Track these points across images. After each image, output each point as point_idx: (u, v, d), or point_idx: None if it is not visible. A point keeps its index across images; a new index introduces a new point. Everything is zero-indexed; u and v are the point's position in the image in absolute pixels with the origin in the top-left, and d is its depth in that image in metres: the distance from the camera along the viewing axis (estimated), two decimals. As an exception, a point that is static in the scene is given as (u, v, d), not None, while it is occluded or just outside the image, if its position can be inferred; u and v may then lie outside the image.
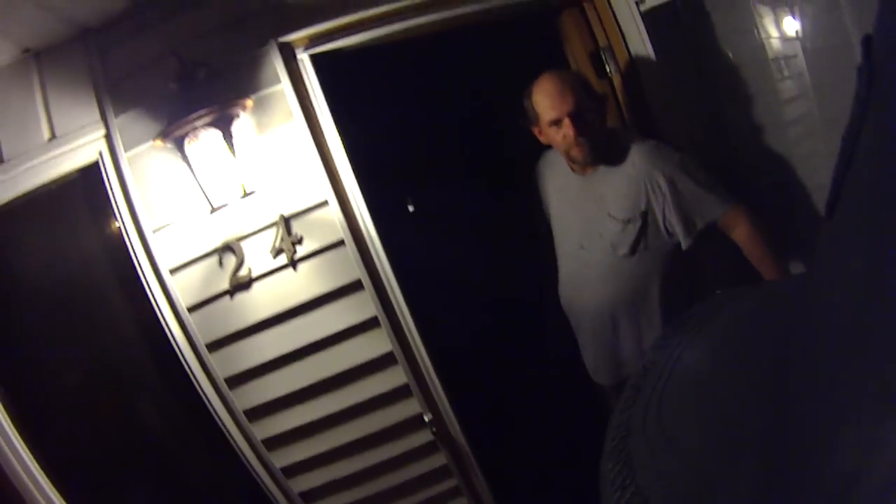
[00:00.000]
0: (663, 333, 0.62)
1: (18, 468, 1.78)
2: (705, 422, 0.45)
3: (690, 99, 1.97)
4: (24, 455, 1.79)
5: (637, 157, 1.65)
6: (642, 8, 1.82)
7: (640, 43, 1.84)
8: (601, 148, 1.67)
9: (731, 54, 1.89)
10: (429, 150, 2.82)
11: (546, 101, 1.64)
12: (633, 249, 1.66)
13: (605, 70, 1.98)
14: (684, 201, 1.60)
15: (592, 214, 1.73)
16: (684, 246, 1.63)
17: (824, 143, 1.63)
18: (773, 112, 1.78)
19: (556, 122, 1.64)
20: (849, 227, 0.32)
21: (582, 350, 1.93)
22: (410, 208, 3.00)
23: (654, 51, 1.83)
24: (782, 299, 0.51)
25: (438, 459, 1.94)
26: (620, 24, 1.90)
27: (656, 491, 0.43)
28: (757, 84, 1.82)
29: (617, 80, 1.97)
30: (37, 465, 1.80)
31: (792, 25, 1.61)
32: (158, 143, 1.70)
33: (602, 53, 1.97)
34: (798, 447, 0.32)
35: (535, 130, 1.74)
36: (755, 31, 1.74)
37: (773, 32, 1.69)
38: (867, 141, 0.30)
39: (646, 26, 1.83)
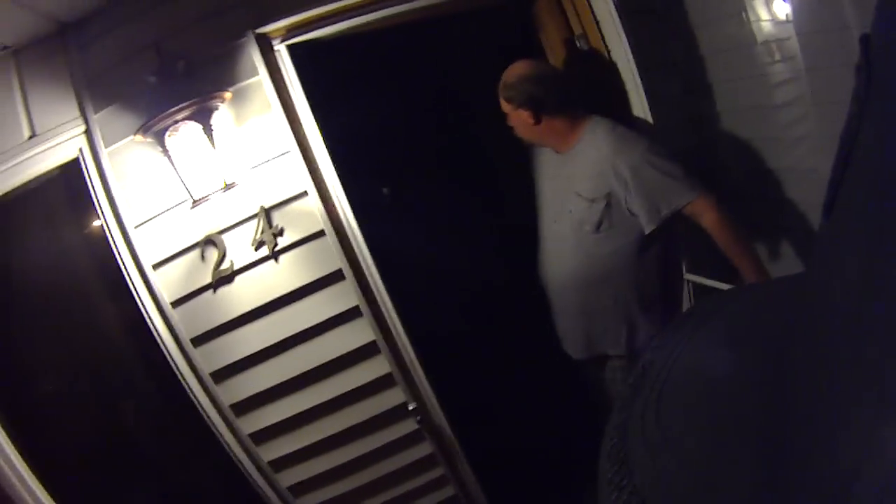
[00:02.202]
0: (662, 333, 0.61)
1: (5, 467, 1.78)
2: (704, 422, 0.44)
3: (668, 84, 1.97)
4: (10, 454, 1.79)
5: (604, 144, 1.68)
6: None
7: (614, 29, 1.85)
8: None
9: (713, 39, 1.89)
10: (406, 139, 2.82)
11: None
12: (598, 227, 1.71)
13: (579, 56, 1.99)
14: (648, 190, 1.62)
15: (563, 191, 1.78)
16: (647, 231, 1.66)
17: (817, 126, 1.62)
18: (763, 95, 1.78)
19: None
20: (847, 226, 0.32)
21: (554, 320, 1.96)
22: (386, 195, 2.99)
23: (629, 36, 1.83)
24: (781, 299, 0.50)
25: (424, 449, 1.94)
26: (594, 10, 1.91)
27: (654, 491, 0.43)
28: (743, 68, 1.81)
29: (591, 66, 1.98)
30: (23, 462, 1.80)
31: (782, 8, 1.61)
32: (139, 137, 1.70)
33: (577, 41, 1.98)
34: (798, 447, 0.32)
35: None
36: (742, 14, 1.74)
37: (764, 15, 1.69)
38: (865, 140, 0.29)
39: (619, 12, 1.82)
